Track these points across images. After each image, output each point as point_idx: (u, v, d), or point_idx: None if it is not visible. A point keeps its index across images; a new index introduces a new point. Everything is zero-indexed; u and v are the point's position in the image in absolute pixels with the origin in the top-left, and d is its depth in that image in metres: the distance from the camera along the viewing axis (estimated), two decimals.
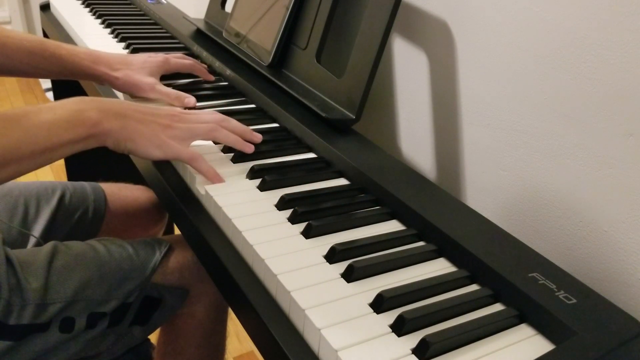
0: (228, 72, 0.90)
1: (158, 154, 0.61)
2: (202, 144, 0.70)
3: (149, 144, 0.61)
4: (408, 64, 0.83)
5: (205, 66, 0.93)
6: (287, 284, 0.47)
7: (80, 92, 1.07)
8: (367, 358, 0.41)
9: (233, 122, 0.68)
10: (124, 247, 0.71)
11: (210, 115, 0.67)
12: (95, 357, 0.71)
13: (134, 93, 0.80)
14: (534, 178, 0.68)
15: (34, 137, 0.54)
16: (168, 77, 0.87)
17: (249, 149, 0.67)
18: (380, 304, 0.46)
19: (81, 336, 0.66)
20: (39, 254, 0.65)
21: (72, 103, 0.59)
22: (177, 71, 0.87)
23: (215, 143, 0.71)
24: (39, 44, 0.78)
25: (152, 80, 0.80)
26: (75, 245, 0.69)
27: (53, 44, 0.79)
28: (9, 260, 0.62)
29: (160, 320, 0.74)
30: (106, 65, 0.80)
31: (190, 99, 0.80)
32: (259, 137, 0.70)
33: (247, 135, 0.69)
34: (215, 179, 0.62)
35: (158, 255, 0.72)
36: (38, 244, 0.79)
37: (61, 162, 1.56)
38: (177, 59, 0.87)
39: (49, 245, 0.67)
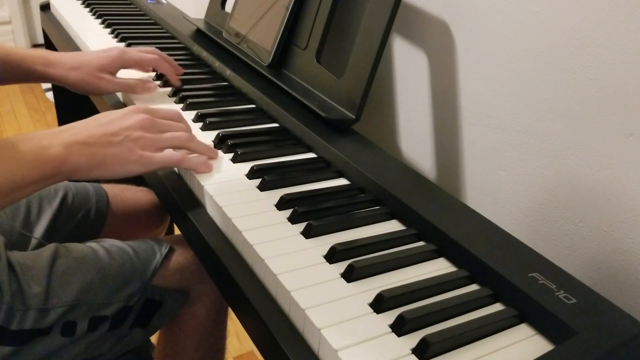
0: (228, 72, 0.90)
1: (137, 168, 0.59)
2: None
3: (124, 164, 0.58)
4: (408, 64, 0.83)
5: (180, 69, 0.88)
6: (287, 284, 0.47)
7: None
8: (367, 358, 0.41)
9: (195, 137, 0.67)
10: (124, 250, 0.71)
11: (179, 125, 0.65)
12: (95, 359, 0.71)
13: (89, 92, 0.80)
14: (534, 178, 0.68)
15: None
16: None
17: (216, 155, 0.67)
18: (380, 303, 0.46)
19: (82, 339, 0.66)
20: (40, 258, 0.65)
21: (35, 139, 0.55)
22: (136, 65, 0.85)
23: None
24: None
25: (107, 77, 0.79)
26: (76, 248, 0.69)
27: (5, 51, 0.78)
28: (10, 265, 0.62)
29: (161, 323, 0.74)
30: (58, 67, 0.78)
31: (151, 84, 0.81)
32: (217, 153, 0.68)
33: (210, 152, 0.67)
34: (207, 168, 0.63)
35: (159, 257, 0.72)
36: (39, 244, 0.79)
37: None
38: (137, 52, 0.83)
39: (50, 249, 0.67)
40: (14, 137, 0.54)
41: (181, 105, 0.81)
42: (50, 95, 2.62)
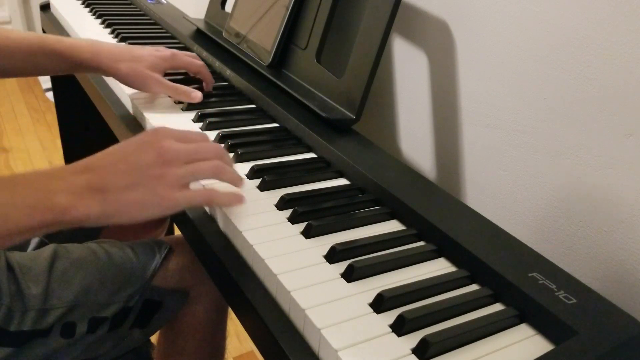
0: (228, 72, 0.90)
1: (158, 212, 0.50)
2: None
3: (145, 209, 0.50)
4: (408, 64, 0.83)
5: (212, 79, 0.87)
6: (287, 284, 0.47)
7: (80, 91, 1.07)
8: (367, 358, 0.41)
9: (229, 157, 0.59)
10: (124, 250, 0.71)
11: (209, 147, 0.55)
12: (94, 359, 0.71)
13: (137, 87, 0.79)
14: (534, 178, 0.68)
15: None
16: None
17: (241, 200, 0.57)
18: (380, 304, 0.46)
19: (82, 340, 0.66)
20: (39, 258, 0.65)
21: (40, 180, 0.48)
22: (184, 69, 0.85)
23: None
24: (39, 42, 0.76)
25: (157, 75, 0.79)
26: (76, 249, 0.69)
27: (53, 39, 0.77)
28: (9, 266, 0.62)
29: (161, 323, 0.74)
30: (108, 57, 0.77)
31: (197, 94, 0.79)
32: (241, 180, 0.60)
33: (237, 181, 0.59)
34: (237, 201, 0.55)
35: (158, 258, 0.72)
36: (41, 242, 0.79)
37: (62, 161, 1.56)
38: (186, 57, 0.84)
39: (49, 250, 0.67)
40: (15, 175, 0.48)
41: (181, 105, 0.81)
42: (50, 95, 2.62)
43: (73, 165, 0.50)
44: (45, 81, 2.74)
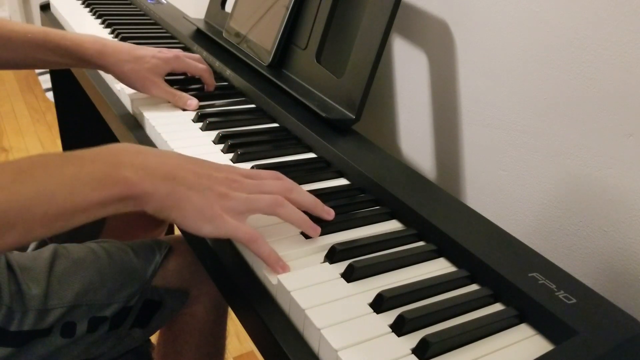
0: (228, 72, 0.90)
1: (209, 229, 0.49)
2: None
3: (199, 217, 0.49)
4: (408, 64, 0.83)
5: (214, 83, 0.88)
6: (287, 284, 0.47)
7: (80, 92, 1.07)
8: (367, 358, 0.41)
9: (302, 194, 0.55)
10: (124, 250, 0.71)
11: (275, 183, 0.54)
12: (95, 359, 0.71)
13: (136, 88, 0.80)
14: (534, 178, 0.68)
15: (49, 196, 0.43)
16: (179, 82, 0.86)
17: (314, 232, 0.54)
18: (380, 304, 0.46)
19: (82, 340, 0.66)
20: (40, 258, 0.65)
21: (108, 154, 0.47)
22: (186, 71, 0.85)
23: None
24: (43, 36, 0.77)
25: (156, 79, 0.79)
26: (76, 248, 0.69)
27: (57, 34, 0.78)
28: (9, 266, 0.62)
29: (161, 323, 0.74)
30: (113, 57, 0.78)
31: (193, 101, 0.80)
32: (331, 214, 0.56)
33: (318, 210, 0.55)
34: (278, 266, 0.49)
35: (158, 258, 0.72)
36: (41, 242, 0.79)
37: None
38: (189, 60, 0.85)
39: (49, 249, 0.67)
40: (84, 150, 0.46)
41: None
42: (50, 95, 2.63)
43: (148, 148, 0.50)
44: (45, 81, 2.74)
